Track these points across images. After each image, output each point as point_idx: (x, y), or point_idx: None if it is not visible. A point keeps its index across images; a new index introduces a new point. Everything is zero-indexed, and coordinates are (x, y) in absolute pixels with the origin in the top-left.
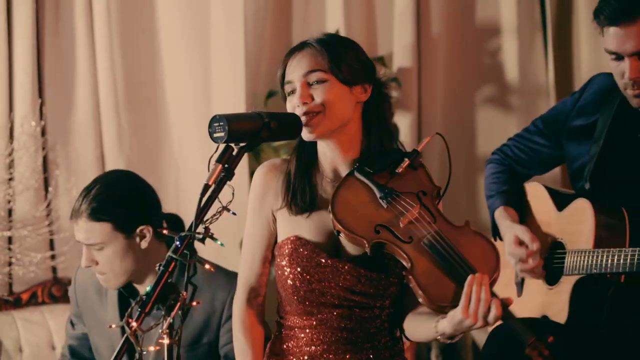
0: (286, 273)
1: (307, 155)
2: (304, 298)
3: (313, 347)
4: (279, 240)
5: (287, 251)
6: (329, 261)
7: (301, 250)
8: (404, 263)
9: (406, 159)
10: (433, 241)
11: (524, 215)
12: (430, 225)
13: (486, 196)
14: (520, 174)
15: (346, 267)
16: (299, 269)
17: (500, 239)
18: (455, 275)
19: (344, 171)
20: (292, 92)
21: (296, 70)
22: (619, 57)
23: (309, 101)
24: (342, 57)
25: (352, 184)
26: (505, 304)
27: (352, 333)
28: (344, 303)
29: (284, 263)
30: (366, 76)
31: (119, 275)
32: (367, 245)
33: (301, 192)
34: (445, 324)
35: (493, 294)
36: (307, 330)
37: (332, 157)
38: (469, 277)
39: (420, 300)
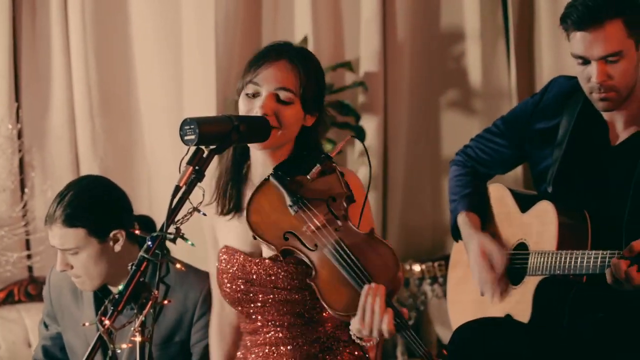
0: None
1: (239, 159)
2: (239, 301)
3: (267, 347)
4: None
5: (220, 259)
6: (254, 262)
7: (231, 257)
8: (311, 270)
9: (318, 165)
10: (333, 250)
11: (488, 216)
12: (334, 233)
13: (449, 199)
14: (482, 173)
15: (269, 263)
16: (229, 276)
17: (461, 239)
18: (354, 285)
19: None
20: (255, 95)
21: (269, 81)
22: (585, 61)
23: (270, 114)
24: (312, 84)
25: (268, 189)
26: (399, 314)
27: (296, 329)
28: (277, 299)
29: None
30: (320, 105)
31: (93, 279)
32: (277, 250)
33: (228, 196)
34: (352, 329)
35: (390, 305)
36: (256, 335)
37: (263, 164)
38: (365, 288)
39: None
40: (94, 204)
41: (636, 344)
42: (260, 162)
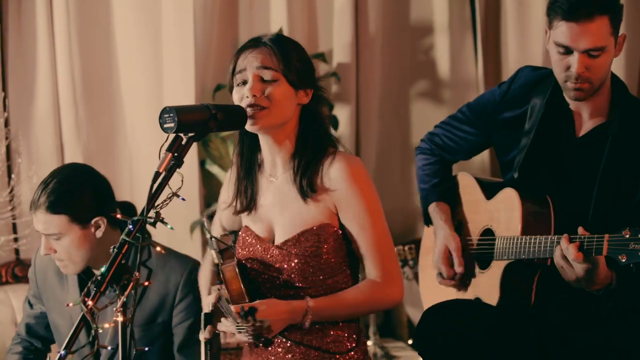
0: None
1: (248, 149)
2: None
3: None
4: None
5: (239, 238)
6: (265, 247)
7: (248, 239)
8: None
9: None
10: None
11: (456, 203)
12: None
13: (419, 187)
14: (448, 160)
15: (275, 251)
16: (245, 254)
17: (432, 224)
18: None
19: (280, 165)
20: (243, 82)
21: (251, 63)
22: (568, 51)
23: (259, 94)
24: (293, 61)
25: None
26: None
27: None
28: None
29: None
30: (310, 81)
31: (76, 263)
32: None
33: (244, 191)
34: None
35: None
36: None
37: (270, 151)
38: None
39: None
40: (77, 192)
41: (595, 322)
42: (267, 150)
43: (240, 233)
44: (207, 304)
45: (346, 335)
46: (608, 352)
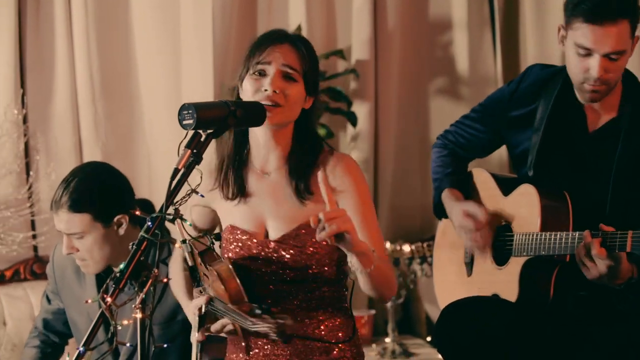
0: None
1: (240, 144)
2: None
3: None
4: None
5: (225, 239)
6: (258, 242)
7: (237, 236)
8: None
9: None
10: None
11: (471, 198)
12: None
13: (432, 179)
14: (462, 156)
15: (273, 245)
16: (233, 254)
17: (446, 217)
18: None
19: (273, 161)
20: (262, 73)
21: (277, 59)
22: (588, 53)
23: (279, 91)
24: (313, 67)
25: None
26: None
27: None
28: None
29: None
30: (317, 89)
31: (98, 262)
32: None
33: (231, 181)
34: None
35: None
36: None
37: (266, 147)
38: None
39: None
40: (99, 190)
41: (615, 318)
42: (262, 144)
43: (224, 234)
44: (194, 306)
45: (338, 324)
46: (629, 349)
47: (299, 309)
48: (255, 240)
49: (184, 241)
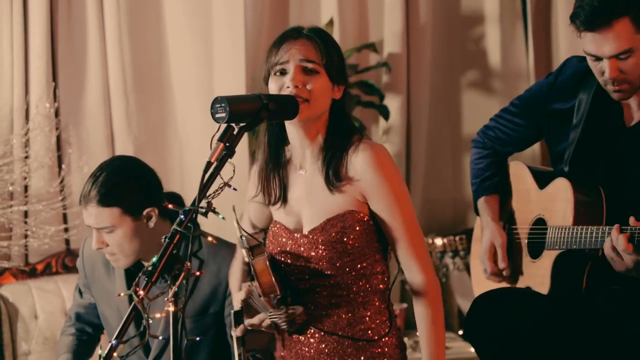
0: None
1: (276, 141)
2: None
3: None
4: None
5: (270, 234)
6: (294, 237)
7: (277, 232)
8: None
9: None
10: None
11: (507, 193)
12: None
13: (471, 181)
14: (502, 152)
15: (304, 241)
16: (276, 249)
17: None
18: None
19: (309, 157)
20: (283, 72)
21: (294, 55)
22: (597, 58)
23: (300, 85)
24: (333, 55)
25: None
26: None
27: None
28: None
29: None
30: (344, 77)
31: (128, 256)
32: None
33: (272, 186)
34: None
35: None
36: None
37: (301, 144)
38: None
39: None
40: (128, 183)
41: None
42: (298, 141)
43: (270, 227)
44: (237, 300)
45: (378, 321)
46: None
47: (330, 305)
48: (289, 238)
49: (240, 237)
